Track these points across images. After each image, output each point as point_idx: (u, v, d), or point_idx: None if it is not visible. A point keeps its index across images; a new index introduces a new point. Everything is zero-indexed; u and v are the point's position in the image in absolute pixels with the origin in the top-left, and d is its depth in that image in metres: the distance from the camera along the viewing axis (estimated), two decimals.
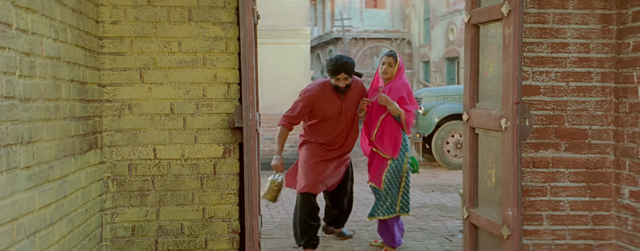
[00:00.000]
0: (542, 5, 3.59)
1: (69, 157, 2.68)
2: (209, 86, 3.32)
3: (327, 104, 4.50)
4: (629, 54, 3.53)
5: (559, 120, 3.66)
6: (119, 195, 3.31)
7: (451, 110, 9.75)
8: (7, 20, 2.03)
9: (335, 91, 4.53)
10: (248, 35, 3.08)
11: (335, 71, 4.45)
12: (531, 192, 3.66)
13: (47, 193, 2.39)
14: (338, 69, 4.44)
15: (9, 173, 2.03)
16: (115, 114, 3.28)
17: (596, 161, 3.68)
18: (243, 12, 3.09)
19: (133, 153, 3.30)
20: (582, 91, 3.65)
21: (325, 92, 4.52)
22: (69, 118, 2.70)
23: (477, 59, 3.50)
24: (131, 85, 3.28)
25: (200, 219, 3.36)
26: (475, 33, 3.50)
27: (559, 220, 3.68)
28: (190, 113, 3.32)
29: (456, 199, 6.91)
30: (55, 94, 2.50)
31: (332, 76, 4.48)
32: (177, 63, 3.30)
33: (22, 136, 2.15)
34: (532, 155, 3.65)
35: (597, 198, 3.69)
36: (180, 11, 3.28)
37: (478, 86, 3.52)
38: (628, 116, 3.55)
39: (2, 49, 1.99)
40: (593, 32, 3.63)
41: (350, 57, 4.54)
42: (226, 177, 3.36)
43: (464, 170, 3.63)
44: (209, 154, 3.34)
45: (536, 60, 3.62)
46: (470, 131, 3.56)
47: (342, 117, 4.55)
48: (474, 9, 3.48)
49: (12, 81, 2.07)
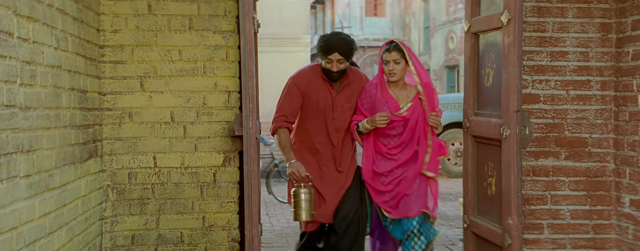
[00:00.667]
0: (542, 14, 3.61)
1: (69, 165, 2.68)
2: (209, 94, 3.33)
3: (318, 92, 3.49)
4: (629, 62, 3.54)
5: (559, 128, 3.66)
6: (119, 204, 3.31)
7: (451, 118, 9.75)
8: (8, 29, 2.04)
9: (327, 77, 3.47)
10: (248, 43, 3.09)
11: (327, 49, 3.38)
12: (531, 200, 3.65)
13: (47, 201, 2.39)
14: (331, 45, 3.38)
15: (9, 182, 2.03)
16: (116, 122, 3.28)
17: (596, 169, 3.68)
18: (243, 21, 3.09)
19: (133, 161, 3.30)
20: (582, 99, 3.65)
21: (317, 77, 3.51)
22: (70, 126, 2.70)
23: (477, 67, 3.51)
24: (131, 93, 3.29)
25: (200, 227, 3.35)
26: (475, 41, 3.51)
27: (560, 228, 3.67)
28: (191, 121, 3.32)
29: (457, 207, 6.90)
30: (55, 103, 2.51)
31: (323, 55, 3.41)
32: (178, 71, 3.31)
33: (23, 145, 2.15)
34: (533, 163, 3.65)
35: (597, 207, 3.68)
36: (181, 20, 3.29)
37: (478, 94, 3.52)
38: (628, 124, 3.55)
39: (4, 57, 1.99)
40: (592, 41, 3.64)
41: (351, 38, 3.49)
42: (226, 185, 3.36)
43: (464, 178, 3.63)
44: (209, 163, 3.34)
45: (536, 68, 3.63)
46: (471, 139, 3.56)
47: (335, 114, 3.49)
48: (474, 17, 3.50)
49: (13, 89, 2.07)
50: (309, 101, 3.49)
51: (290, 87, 3.51)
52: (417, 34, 25.96)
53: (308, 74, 3.52)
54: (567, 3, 3.60)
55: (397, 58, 3.39)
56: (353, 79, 3.55)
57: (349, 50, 3.40)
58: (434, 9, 23.82)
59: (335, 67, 3.40)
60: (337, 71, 3.41)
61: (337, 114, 3.50)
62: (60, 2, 2.58)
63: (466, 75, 3.58)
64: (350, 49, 3.41)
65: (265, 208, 6.73)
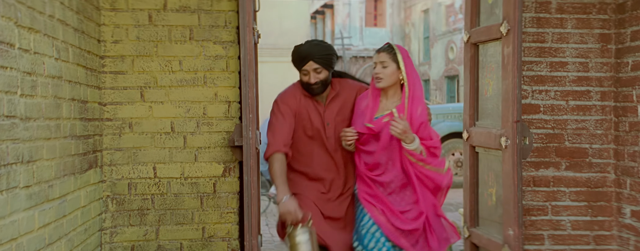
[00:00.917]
0: (541, 24, 3.62)
1: (68, 176, 2.68)
2: (209, 104, 3.33)
3: (309, 111, 3.16)
4: (628, 73, 3.54)
5: (559, 139, 3.66)
6: (119, 214, 3.30)
7: (451, 128, 9.76)
8: (9, 40, 2.04)
9: (307, 91, 3.13)
10: (248, 54, 3.10)
11: (300, 59, 3.05)
12: (532, 211, 3.64)
13: (47, 212, 2.38)
14: (303, 54, 3.04)
15: (9, 193, 2.02)
16: (116, 132, 3.28)
17: (597, 180, 3.67)
18: (243, 32, 3.10)
19: (133, 172, 3.30)
20: (581, 109, 3.66)
21: (303, 95, 3.17)
22: (70, 137, 2.70)
23: (477, 77, 3.52)
24: (132, 104, 3.29)
25: (199, 238, 3.34)
26: (474, 52, 3.52)
27: (561, 239, 3.65)
28: (191, 132, 3.32)
29: (457, 218, 6.88)
30: (56, 113, 2.51)
31: (297, 67, 3.11)
32: (178, 82, 3.31)
33: (23, 155, 2.15)
34: (533, 174, 3.65)
35: (598, 218, 3.67)
36: (181, 30, 3.30)
37: (478, 105, 3.53)
38: (628, 134, 3.55)
39: (5, 68, 2.00)
40: (592, 52, 3.65)
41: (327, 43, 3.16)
42: (226, 196, 3.35)
43: (465, 189, 3.62)
44: (209, 173, 3.34)
45: (535, 79, 3.63)
46: (471, 149, 3.56)
47: (328, 133, 3.15)
48: (473, 28, 3.51)
49: (14, 100, 2.08)
50: (300, 121, 3.14)
51: (280, 107, 3.13)
52: (417, 44, 26.04)
53: (294, 92, 3.18)
54: (566, 14, 3.62)
55: (384, 60, 3.00)
56: (341, 90, 3.20)
57: (324, 56, 3.03)
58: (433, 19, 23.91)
59: (312, 79, 3.04)
60: (315, 83, 3.05)
61: (329, 132, 3.15)
62: (62, 13, 2.59)
63: (466, 85, 3.58)
64: (327, 55, 3.04)
65: (265, 219, 6.71)
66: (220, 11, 3.31)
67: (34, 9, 2.26)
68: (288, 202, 2.96)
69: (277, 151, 3.07)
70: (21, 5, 2.14)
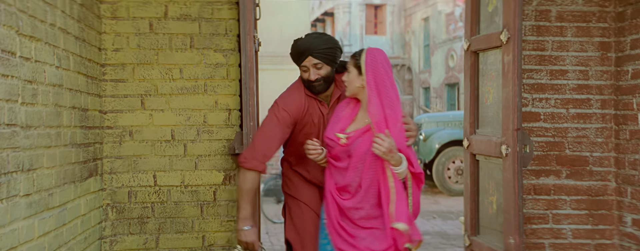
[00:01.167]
0: (541, 33, 3.62)
1: (69, 184, 2.67)
2: (209, 112, 3.33)
3: (313, 114, 2.88)
4: (628, 81, 3.55)
5: (560, 147, 3.66)
6: (119, 223, 3.29)
7: (452, 136, 9.77)
8: (11, 49, 2.05)
9: (309, 90, 2.84)
10: (249, 62, 3.10)
11: (299, 53, 2.77)
12: (533, 219, 3.64)
13: (47, 221, 2.38)
14: (302, 48, 2.75)
15: (9, 201, 2.02)
16: (116, 140, 3.28)
17: (598, 188, 3.67)
18: (244, 40, 3.11)
19: (133, 180, 3.30)
20: (582, 117, 3.66)
21: (306, 96, 2.88)
22: (70, 145, 2.70)
23: (477, 85, 3.52)
24: (132, 112, 3.29)
25: (199, 247, 3.33)
26: (474, 60, 3.52)
27: (562, 248, 3.64)
28: (191, 140, 3.32)
29: (458, 226, 6.86)
30: (56, 121, 2.51)
31: (297, 63, 2.82)
32: (178, 90, 3.31)
33: (23, 164, 2.15)
34: (534, 182, 3.64)
35: (599, 226, 3.66)
36: (182, 38, 3.31)
37: (478, 113, 3.53)
38: (629, 143, 3.55)
39: (6, 77, 2.00)
40: (592, 60, 3.65)
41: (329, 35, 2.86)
42: (226, 204, 3.34)
43: (465, 197, 3.61)
44: (209, 181, 3.33)
45: (536, 87, 3.64)
46: (471, 157, 3.56)
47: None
48: (473, 36, 3.51)
49: (15, 108, 2.08)
50: (302, 126, 2.87)
51: (280, 112, 2.80)
52: (417, 52, 26.08)
53: (299, 96, 2.87)
54: (566, 22, 3.63)
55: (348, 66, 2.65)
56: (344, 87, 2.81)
57: (325, 50, 2.73)
58: (433, 27, 23.97)
59: (313, 75, 2.74)
60: (316, 80, 2.76)
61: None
62: (63, 22, 2.60)
63: (466, 93, 3.59)
64: (329, 48, 2.73)
65: (265, 227, 6.69)
66: (221, 19, 3.31)
67: (35, 17, 2.27)
68: (249, 232, 2.78)
69: (254, 168, 2.77)
70: (23, 14, 2.15)
